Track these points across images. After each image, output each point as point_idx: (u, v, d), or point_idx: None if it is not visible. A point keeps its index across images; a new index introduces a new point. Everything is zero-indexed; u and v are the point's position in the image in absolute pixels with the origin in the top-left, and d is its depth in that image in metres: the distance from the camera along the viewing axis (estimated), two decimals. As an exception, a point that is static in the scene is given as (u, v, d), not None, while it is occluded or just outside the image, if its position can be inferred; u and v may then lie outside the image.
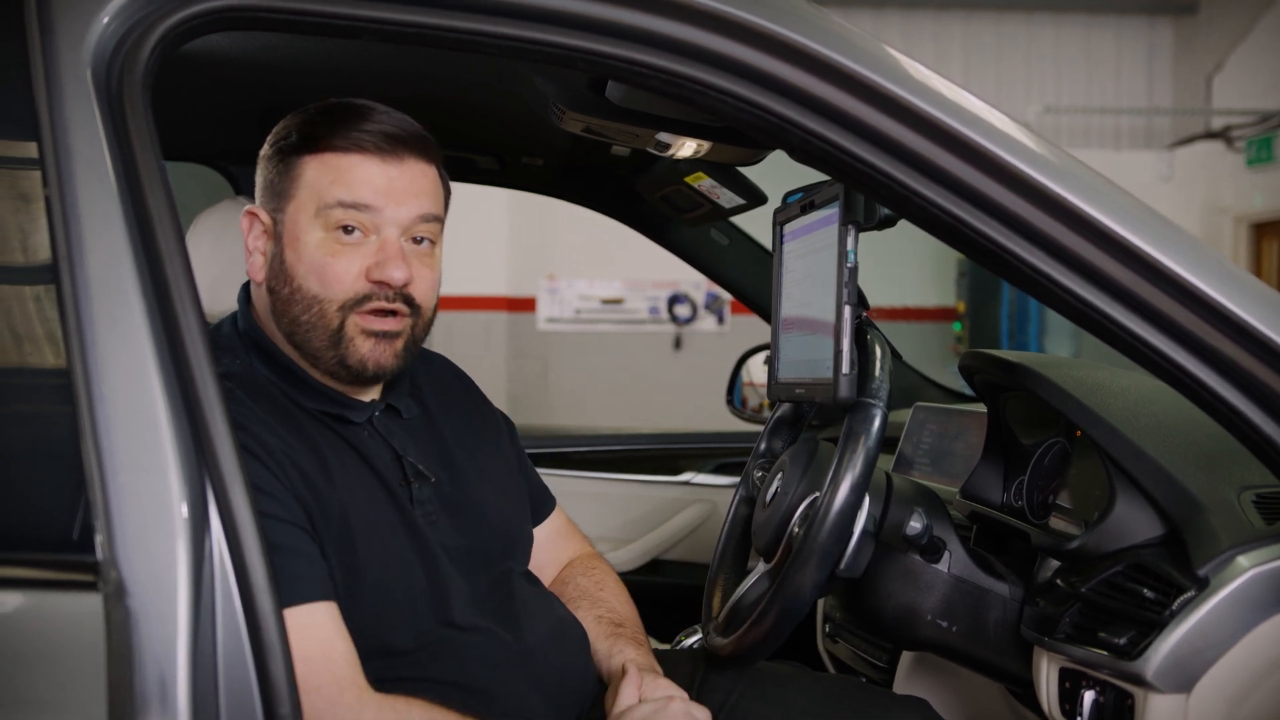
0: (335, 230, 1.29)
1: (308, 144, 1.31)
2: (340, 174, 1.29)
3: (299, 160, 1.31)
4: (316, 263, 1.29)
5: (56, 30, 0.98)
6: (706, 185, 2.11)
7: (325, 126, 1.31)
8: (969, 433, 1.95)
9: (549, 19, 1.07)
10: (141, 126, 0.99)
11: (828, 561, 1.33)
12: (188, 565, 0.90)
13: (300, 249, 1.30)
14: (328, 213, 1.29)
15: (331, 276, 1.29)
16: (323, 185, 1.30)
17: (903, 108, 1.09)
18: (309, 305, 1.30)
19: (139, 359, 0.93)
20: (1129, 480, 1.31)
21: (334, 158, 1.30)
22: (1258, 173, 9.02)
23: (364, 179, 1.29)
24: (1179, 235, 1.12)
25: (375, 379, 1.34)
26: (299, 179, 1.31)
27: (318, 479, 1.24)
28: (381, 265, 1.29)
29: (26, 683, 0.87)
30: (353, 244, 1.29)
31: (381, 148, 1.30)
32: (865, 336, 1.37)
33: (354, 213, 1.29)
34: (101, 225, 0.95)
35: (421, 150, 1.34)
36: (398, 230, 1.31)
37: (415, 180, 1.32)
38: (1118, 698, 1.23)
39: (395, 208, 1.30)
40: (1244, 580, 1.15)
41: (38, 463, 0.94)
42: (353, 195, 1.29)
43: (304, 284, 1.30)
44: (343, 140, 1.30)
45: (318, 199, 1.29)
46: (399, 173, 1.31)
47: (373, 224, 1.30)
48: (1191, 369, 1.12)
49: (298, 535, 1.20)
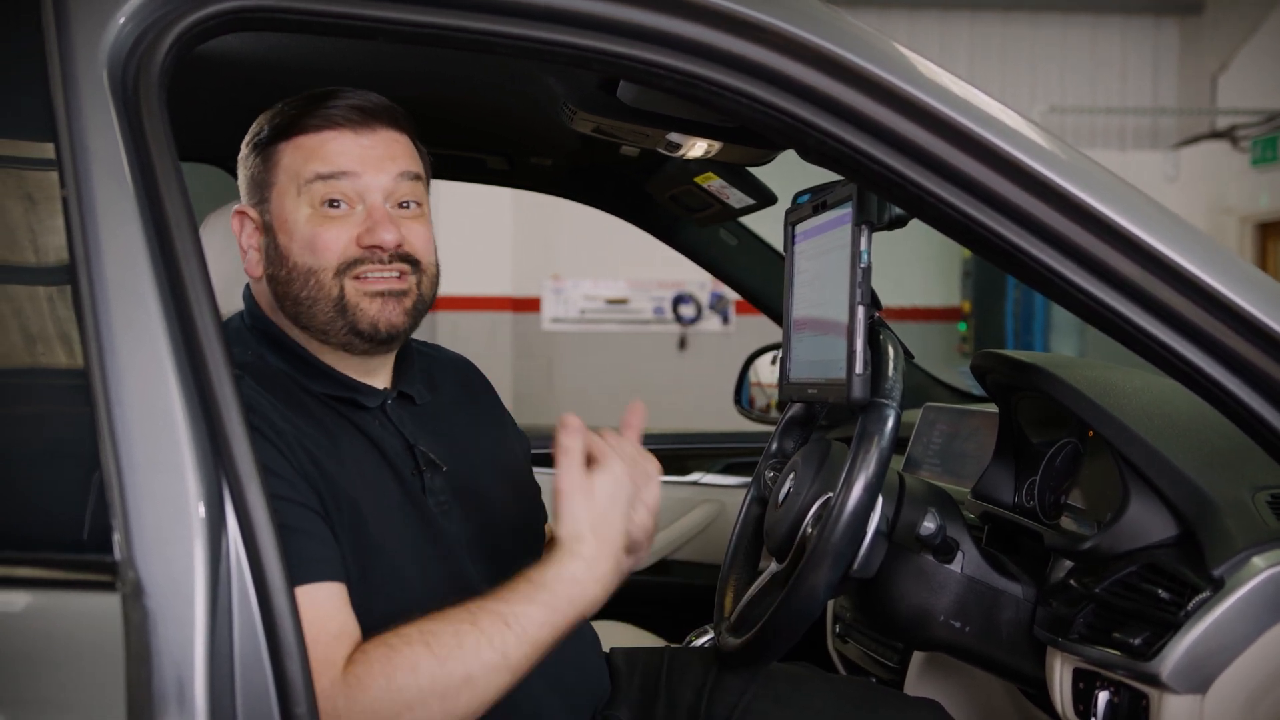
0: (321, 206, 1.31)
1: (280, 133, 1.34)
2: (315, 150, 1.31)
3: (275, 149, 1.34)
4: (306, 236, 1.31)
5: (73, 31, 0.98)
6: (716, 185, 2.11)
7: (294, 112, 1.34)
8: (980, 433, 1.94)
9: (563, 19, 1.07)
10: (157, 127, 0.99)
11: (841, 562, 1.32)
12: (205, 565, 0.90)
13: (290, 229, 1.32)
14: (309, 188, 1.31)
15: (322, 245, 1.30)
16: (299, 165, 1.32)
17: (918, 108, 1.09)
18: (306, 279, 1.31)
19: (155, 359, 0.93)
20: (1143, 480, 1.31)
21: (306, 138, 1.32)
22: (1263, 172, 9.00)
23: (338, 150, 1.31)
24: (1191, 232, 1.12)
25: (389, 339, 1.34)
26: (277, 166, 1.33)
27: (328, 463, 1.24)
28: (371, 230, 1.30)
29: (44, 683, 0.87)
30: (340, 215, 1.31)
31: (352, 119, 1.32)
32: (878, 337, 1.37)
33: (335, 183, 1.30)
34: (118, 226, 0.95)
35: (391, 120, 1.35)
36: (381, 195, 1.32)
37: (389, 146, 1.34)
38: (1132, 698, 1.23)
39: (374, 174, 1.32)
40: (1259, 581, 1.15)
41: (55, 463, 0.94)
42: (329, 166, 1.31)
43: (298, 260, 1.31)
44: (313, 120, 1.32)
45: (297, 178, 1.32)
46: (372, 141, 1.33)
47: (355, 192, 1.31)
48: (1205, 367, 1.11)
49: (307, 517, 1.20)
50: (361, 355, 1.35)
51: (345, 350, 1.34)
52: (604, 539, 1.20)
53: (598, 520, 1.20)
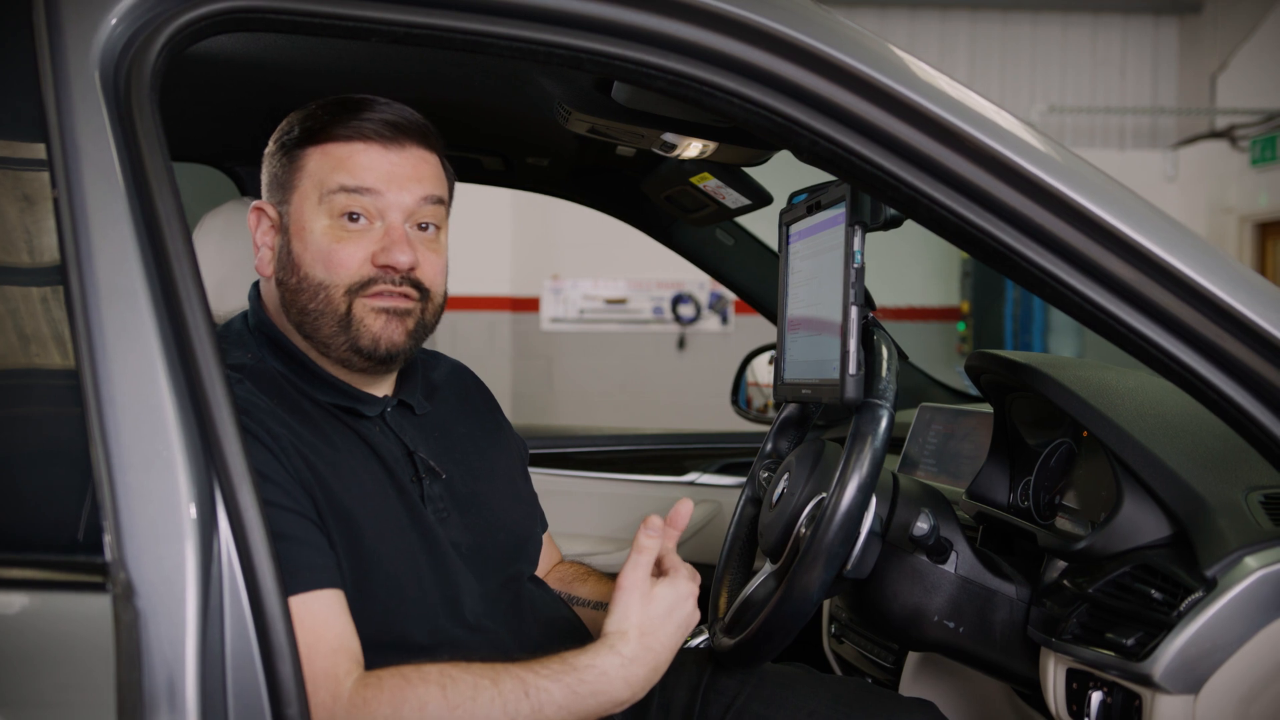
0: (340, 218, 1.30)
1: (310, 136, 1.33)
2: (342, 161, 1.31)
3: (302, 152, 1.33)
4: (322, 249, 1.30)
5: (64, 32, 0.99)
6: (712, 186, 2.11)
7: (327, 118, 1.33)
8: (975, 433, 1.94)
9: (556, 20, 1.07)
10: (149, 128, 0.99)
11: (835, 562, 1.33)
12: (196, 566, 0.90)
13: (306, 238, 1.31)
14: (331, 199, 1.30)
15: (337, 262, 1.29)
16: (325, 173, 1.31)
17: (910, 108, 1.09)
18: (316, 292, 1.30)
19: (147, 360, 0.93)
20: (1136, 481, 1.31)
21: (336, 147, 1.31)
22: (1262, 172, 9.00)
23: (366, 165, 1.30)
24: (1185, 234, 1.12)
25: (388, 359, 1.33)
26: (302, 170, 1.32)
27: (325, 470, 1.24)
28: (387, 250, 1.30)
29: (35, 684, 0.87)
30: (358, 230, 1.30)
31: (383, 135, 1.31)
32: (872, 337, 1.37)
33: (357, 197, 1.30)
34: (109, 226, 0.95)
35: (422, 138, 1.35)
36: (402, 215, 1.32)
37: (417, 166, 1.33)
38: (1125, 699, 1.23)
39: (398, 192, 1.31)
40: (1252, 581, 1.14)
41: (46, 464, 0.94)
42: (355, 180, 1.30)
43: (310, 271, 1.30)
44: (344, 129, 1.31)
45: (321, 186, 1.31)
46: (401, 159, 1.32)
47: (376, 209, 1.30)
48: (1198, 369, 1.11)
49: (302, 524, 1.20)
50: (360, 372, 1.35)
51: (344, 365, 1.34)
52: (647, 645, 1.20)
53: (647, 625, 1.21)
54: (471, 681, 1.13)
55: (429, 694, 1.12)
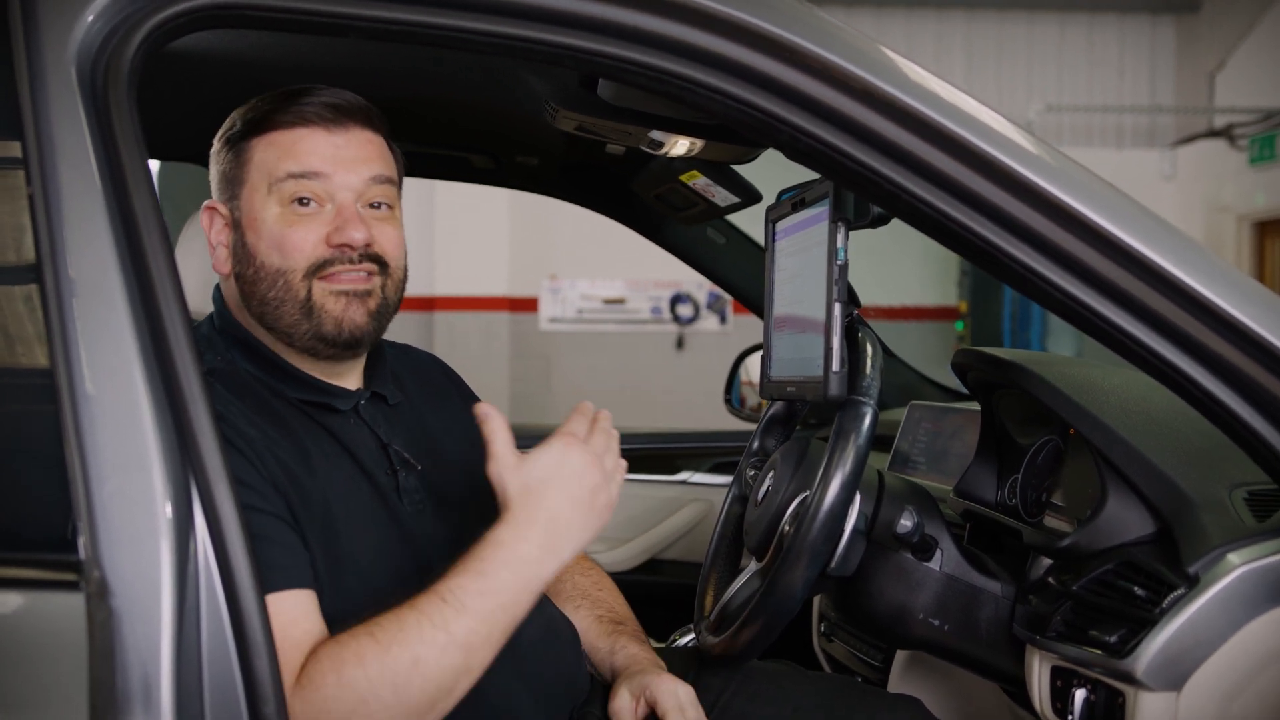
0: (290, 204, 1.30)
1: (254, 128, 1.33)
2: (288, 148, 1.31)
3: (247, 145, 1.33)
4: (275, 236, 1.30)
5: (41, 28, 0.98)
6: (701, 183, 2.11)
7: (268, 108, 1.33)
8: (964, 431, 1.94)
9: (533, 16, 1.07)
10: (126, 125, 0.99)
11: (818, 560, 1.32)
12: (172, 565, 0.90)
13: (259, 228, 1.31)
14: (280, 187, 1.30)
15: (291, 246, 1.30)
16: (272, 162, 1.31)
17: (889, 104, 1.09)
18: (274, 280, 1.30)
19: (123, 358, 0.93)
20: (1120, 478, 1.31)
21: (280, 135, 1.32)
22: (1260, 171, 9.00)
23: (311, 149, 1.31)
24: (1169, 231, 1.12)
25: (352, 343, 1.33)
26: (249, 162, 1.33)
27: (298, 470, 1.24)
28: (340, 229, 1.30)
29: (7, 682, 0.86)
30: (309, 214, 1.30)
31: (325, 117, 1.32)
32: (856, 334, 1.37)
33: (305, 182, 1.30)
34: (86, 224, 0.95)
35: (365, 119, 1.35)
36: (352, 196, 1.32)
37: (362, 147, 1.34)
38: (1109, 696, 1.22)
39: (345, 174, 1.31)
40: (1234, 577, 1.14)
41: (20, 463, 0.94)
42: (301, 165, 1.30)
43: (267, 260, 1.31)
44: (286, 116, 1.32)
45: (269, 176, 1.31)
46: (345, 140, 1.32)
47: (326, 192, 1.31)
48: (1182, 366, 1.11)
49: (275, 525, 1.19)
50: (327, 360, 1.35)
51: (310, 355, 1.33)
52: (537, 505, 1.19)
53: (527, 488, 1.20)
54: (395, 615, 1.13)
55: (361, 645, 1.12)
